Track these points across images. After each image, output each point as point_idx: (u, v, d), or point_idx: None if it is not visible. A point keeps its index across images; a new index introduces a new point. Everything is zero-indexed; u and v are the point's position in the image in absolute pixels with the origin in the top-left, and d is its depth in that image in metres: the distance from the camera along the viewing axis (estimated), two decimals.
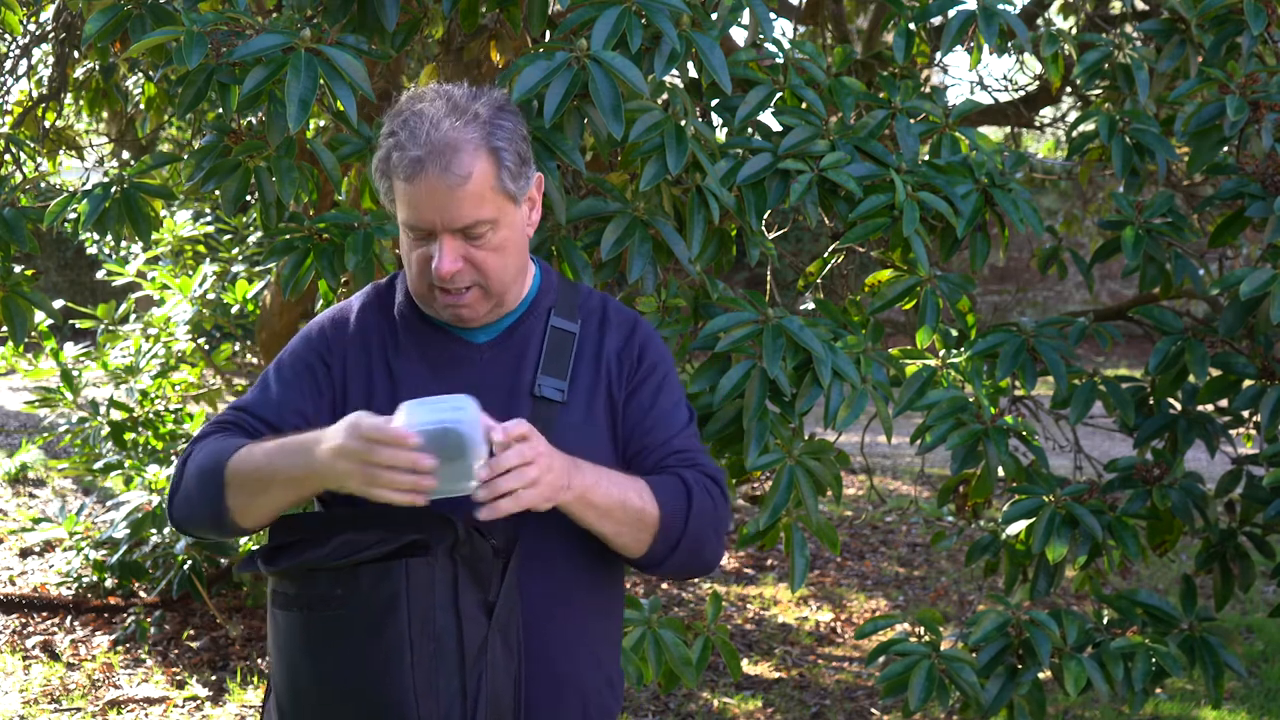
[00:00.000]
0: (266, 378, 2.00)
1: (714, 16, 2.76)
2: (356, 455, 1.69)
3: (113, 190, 2.92)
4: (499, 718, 1.82)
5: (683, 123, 2.64)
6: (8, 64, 4.65)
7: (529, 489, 1.73)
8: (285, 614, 1.83)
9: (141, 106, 4.57)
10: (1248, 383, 3.14)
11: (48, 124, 4.56)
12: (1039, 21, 5.19)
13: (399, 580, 1.75)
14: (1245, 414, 3.28)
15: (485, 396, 1.88)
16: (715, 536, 1.98)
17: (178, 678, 4.82)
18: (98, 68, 4.33)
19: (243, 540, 5.21)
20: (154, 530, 5.23)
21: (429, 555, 1.77)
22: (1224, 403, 3.24)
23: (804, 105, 2.86)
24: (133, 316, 6.15)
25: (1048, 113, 5.86)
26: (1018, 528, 3.08)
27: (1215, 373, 3.14)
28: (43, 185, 5.58)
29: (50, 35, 4.49)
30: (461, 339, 1.96)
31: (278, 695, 1.88)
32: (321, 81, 2.44)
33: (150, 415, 5.80)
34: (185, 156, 3.03)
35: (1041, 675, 2.99)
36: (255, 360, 6.41)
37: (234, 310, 5.77)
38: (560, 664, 1.93)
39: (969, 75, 8.83)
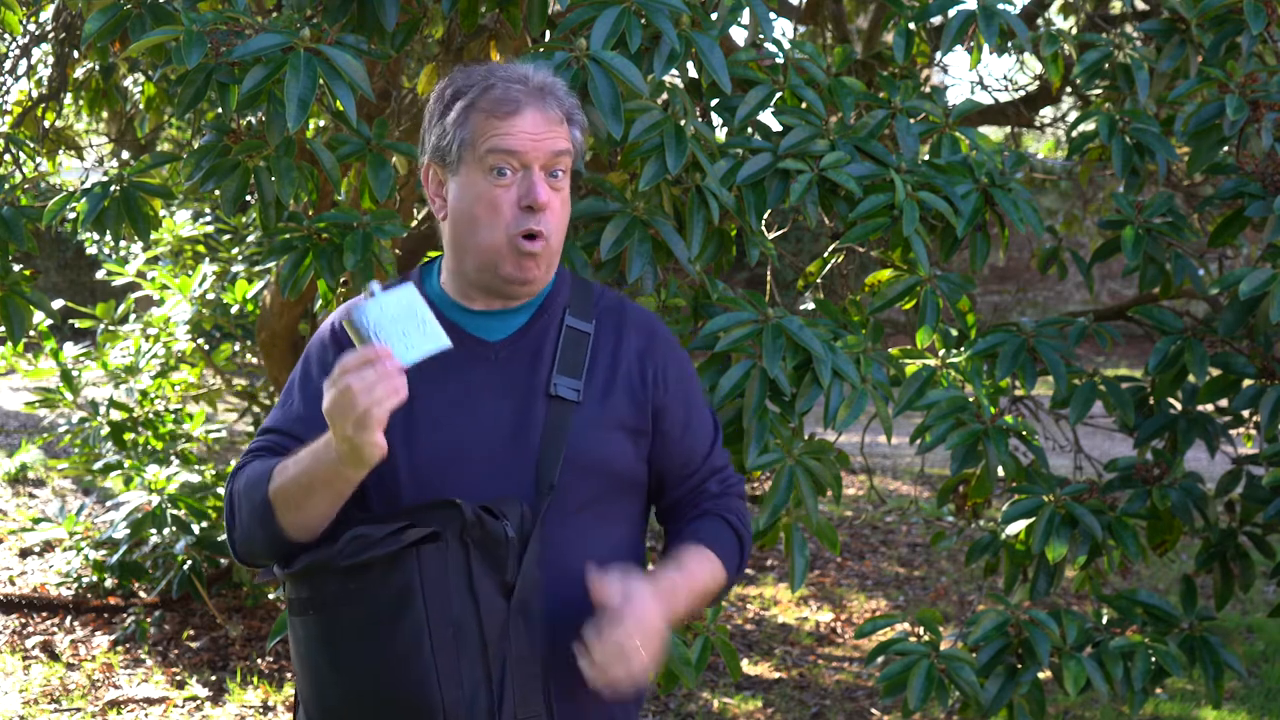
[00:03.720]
0: (290, 391, 1.99)
1: (714, 16, 2.76)
2: (331, 414, 1.69)
3: (112, 189, 2.92)
4: (525, 701, 1.82)
5: (682, 123, 2.64)
6: (8, 64, 4.65)
7: (639, 665, 1.80)
8: (302, 620, 1.83)
9: (141, 106, 4.57)
10: (1248, 382, 3.14)
11: (47, 124, 4.56)
12: (1039, 21, 5.19)
13: (411, 570, 1.75)
14: (1245, 414, 3.28)
15: (502, 395, 1.91)
16: (749, 556, 2.11)
17: (178, 678, 4.82)
18: (97, 68, 4.32)
19: None
20: (154, 530, 5.23)
21: (439, 542, 1.77)
22: (1224, 402, 3.24)
23: (804, 105, 2.86)
24: (132, 316, 6.15)
25: (1048, 113, 5.86)
26: (1017, 528, 3.08)
27: (1215, 373, 3.14)
28: (42, 185, 5.58)
29: (50, 35, 4.48)
30: (475, 337, 1.95)
31: (304, 703, 1.88)
32: (321, 81, 2.44)
33: (150, 415, 5.80)
34: (185, 156, 3.03)
35: (1041, 675, 2.99)
36: (255, 360, 6.41)
37: (234, 310, 5.76)
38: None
39: (969, 75, 8.82)
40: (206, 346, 6.16)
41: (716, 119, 3.02)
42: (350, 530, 1.80)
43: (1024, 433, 3.03)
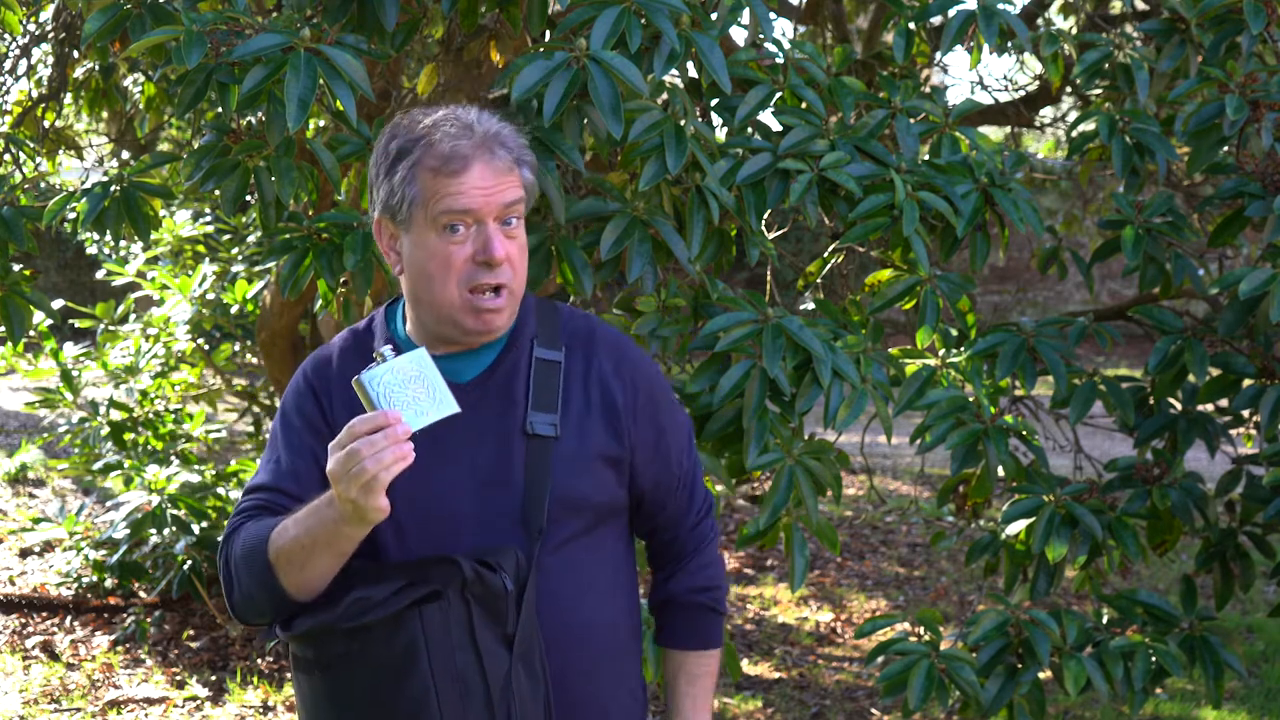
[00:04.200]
0: (273, 446, 1.97)
1: (714, 16, 2.76)
2: (336, 475, 1.67)
3: (112, 189, 2.91)
4: None
5: (682, 122, 2.64)
6: (8, 64, 4.64)
7: None
8: (307, 677, 1.84)
9: (141, 106, 4.57)
10: (1248, 382, 3.14)
11: (47, 124, 4.56)
12: (1039, 21, 5.18)
13: (415, 629, 1.76)
14: (1245, 414, 3.28)
15: (477, 438, 1.89)
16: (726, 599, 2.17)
17: (178, 678, 4.82)
18: (97, 68, 4.32)
19: None
20: (154, 530, 5.23)
21: (441, 600, 1.78)
22: (1224, 402, 3.24)
23: (804, 105, 2.86)
24: (132, 316, 6.15)
25: (1048, 113, 5.86)
26: (1017, 528, 3.07)
27: (1215, 372, 3.14)
28: (42, 185, 5.59)
29: (50, 35, 4.48)
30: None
31: None
32: (321, 81, 2.44)
33: (150, 415, 5.80)
34: (184, 156, 3.02)
35: (1041, 675, 2.99)
36: (255, 360, 6.41)
37: (233, 310, 5.76)
38: (579, 689, 1.94)
39: (969, 75, 8.81)
40: (206, 346, 6.16)
41: (716, 119, 3.02)
42: (350, 592, 1.79)
43: (1024, 433, 3.03)
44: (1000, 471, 2.98)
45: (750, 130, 2.86)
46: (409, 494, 1.83)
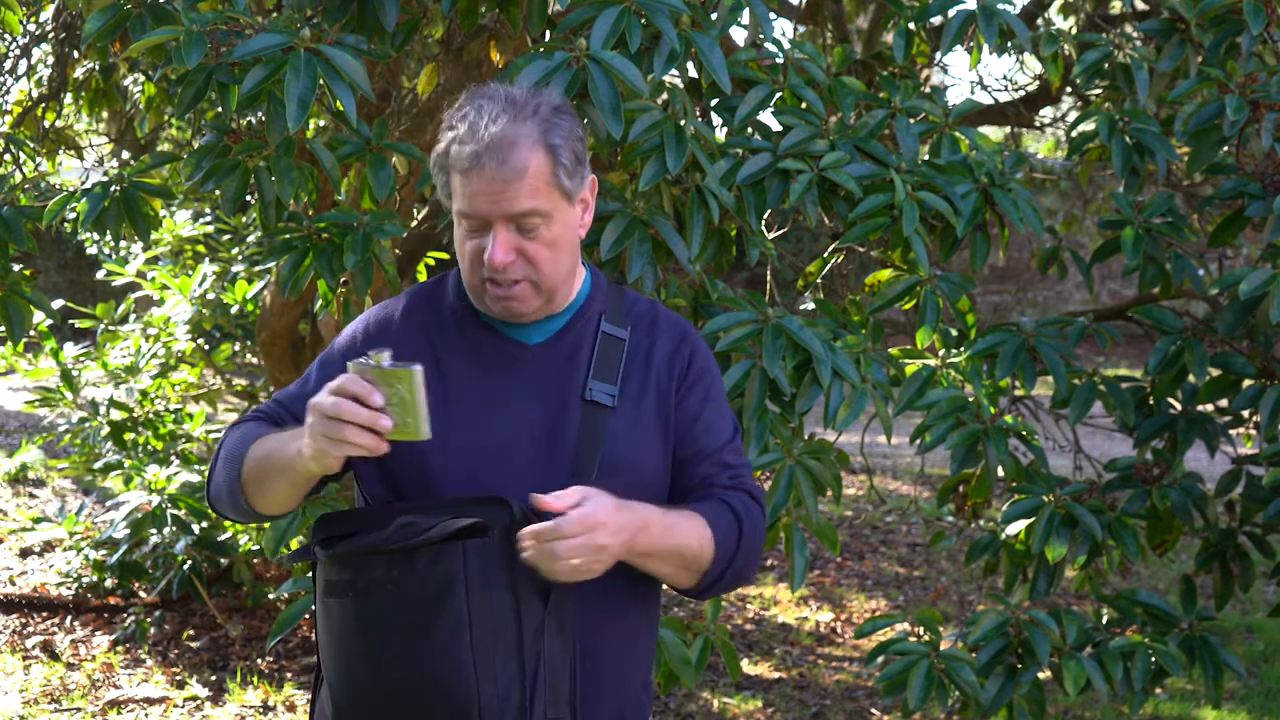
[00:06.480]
0: (309, 372, 2.02)
1: (714, 16, 2.76)
2: (319, 411, 1.73)
3: (112, 189, 2.92)
4: (555, 701, 1.83)
5: (682, 122, 2.64)
6: (8, 64, 4.65)
7: (598, 560, 1.77)
8: (339, 602, 1.85)
9: (141, 106, 4.57)
10: (1247, 382, 3.14)
11: (47, 124, 4.56)
12: (1039, 21, 5.18)
13: (456, 560, 1.78)
14: (1245, 414, 3.28)
15: (537, 399, 1.93)
16: (755, 560, 2.03)
17: (178, 678, 4.82)
18: (97, 68, 4.32)
19: (243, 540, 5.22)
20: (154, 530, 5.23)
21: (486, 537, 1.79)
22: (1224, 402, 3.24)
23: (804, 105, 2.86)
24: (132, 316, 6.14)
25: (1048, 113, 5.86)
26: (1017, 528, 3.08)
27: (1215, 373, 3.15)
28: (42, 185, 5.58)
29: (50, 35, 4.48)
30: (513, 340, 1.97)
31: (330, 686, 1.89)
32: (321, 81, 2.44)
33: (150, 415, 5.80)
34: (185, 156, 3.02)
35: (1041, 675, 2.99)
36: (255, 360, 6.41)
37: (233, 310, 5.76)
38: (604, 663, 1.94)
39: (969, 75, 8.81)
40: (206, 346, 6.16)
41: (716, 119, 3.02)
42: (399, 518, 1.82)
43: (1024, 433, 3.03)
44: (1000, 471, 2.98)
45: (750, 130, 2.86)
46: (465, 441, 1.88)
